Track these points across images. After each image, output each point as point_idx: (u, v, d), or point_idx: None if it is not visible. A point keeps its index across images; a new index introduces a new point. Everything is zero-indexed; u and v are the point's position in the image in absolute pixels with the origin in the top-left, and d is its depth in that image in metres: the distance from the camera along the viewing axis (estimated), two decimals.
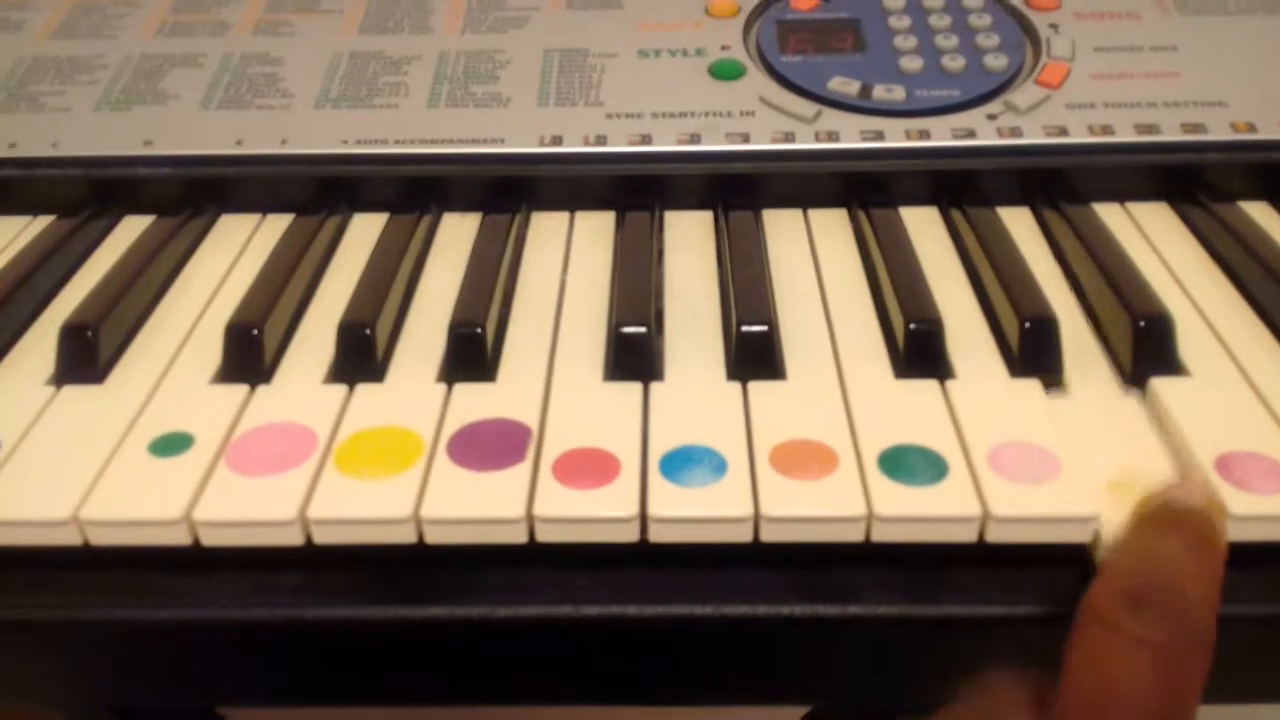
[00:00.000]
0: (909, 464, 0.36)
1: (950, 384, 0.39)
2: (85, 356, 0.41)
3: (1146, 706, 0.28)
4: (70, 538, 0.35)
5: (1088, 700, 0.28)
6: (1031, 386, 0.39)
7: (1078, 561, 0.34)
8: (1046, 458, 0.36)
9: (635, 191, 0.52)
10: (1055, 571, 0.34)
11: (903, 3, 0.59)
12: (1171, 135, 0.51)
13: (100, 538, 0.35)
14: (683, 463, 0.36)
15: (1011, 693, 0.31)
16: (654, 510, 0.34)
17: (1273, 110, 0.52)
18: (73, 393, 0.40)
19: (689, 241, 0.50)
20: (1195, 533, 0.31)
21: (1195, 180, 0.51)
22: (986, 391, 0.39)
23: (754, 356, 0.41)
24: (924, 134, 0.52)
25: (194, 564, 0.35)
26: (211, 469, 0.36)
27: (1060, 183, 0.51)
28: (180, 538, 0.35)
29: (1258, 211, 0.50)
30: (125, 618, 0.35)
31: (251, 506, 0.34)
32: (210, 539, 0.35)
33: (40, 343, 0.44)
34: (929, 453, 0.36)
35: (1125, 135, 0.51)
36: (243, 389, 0.40)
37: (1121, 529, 0.33)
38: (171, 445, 0.37)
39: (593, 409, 0.38)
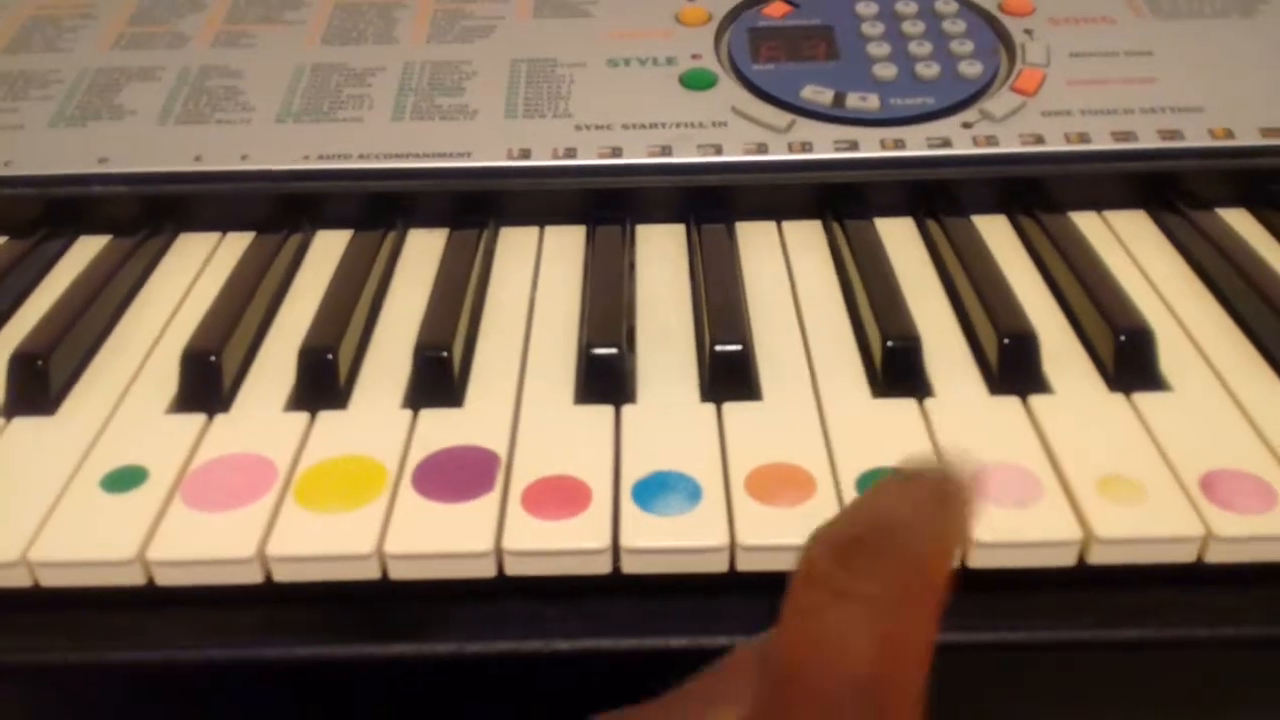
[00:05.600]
0: None
1: (929, 403, 0.39)
2: (36, 387, 0.40)
3: (856, 665, 0.26)
4: (20, 579, 0.34)
5: (795, 659, 0.26)
6: (1012, 404, 0.38)
7: (1061, 583, 0.33)
8: (1029, 479, 0.35)
9: (606, 205, 0.51)
10: (1034, 596, 0.34)
11: (876, 9, 0.58)
12: (1148, 142, 0.50)
13: (51, 579, 0.34)
14: (656, 490, 0.35)
15: (742, 661, 0.29)
16: (626, 541, 0.33)
17: (1250, 115, 0.51)
18: (22, 425, 0.39)
19: (661, 256, 0.49)
20: (929, 488, 0.30)
21: (1173, 187, 0.51)
22: (966, 410, 0.38)
23: (728, 377, 0.40)
24: (899, 143, 0.51)
25: (150, 603, 0.34)
26: (166, 505, 0.35)
27: (1037, 191, 0.51)
28: (134, 578, 0.33)
29: (1236, 219, 0.49)
30: (79, 660, 0.34)
31: (208, 544, 0.33)
32: (165, 578, 0.33)
33: None
34: None
35: (1102, 143, 0.50)
36: (200, 418, 0.38)
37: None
38: (125, 480, 0.36)
39: (563, 434, 0.37)
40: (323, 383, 0.40)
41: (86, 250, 0.50)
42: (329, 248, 0.50)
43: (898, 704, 0.25)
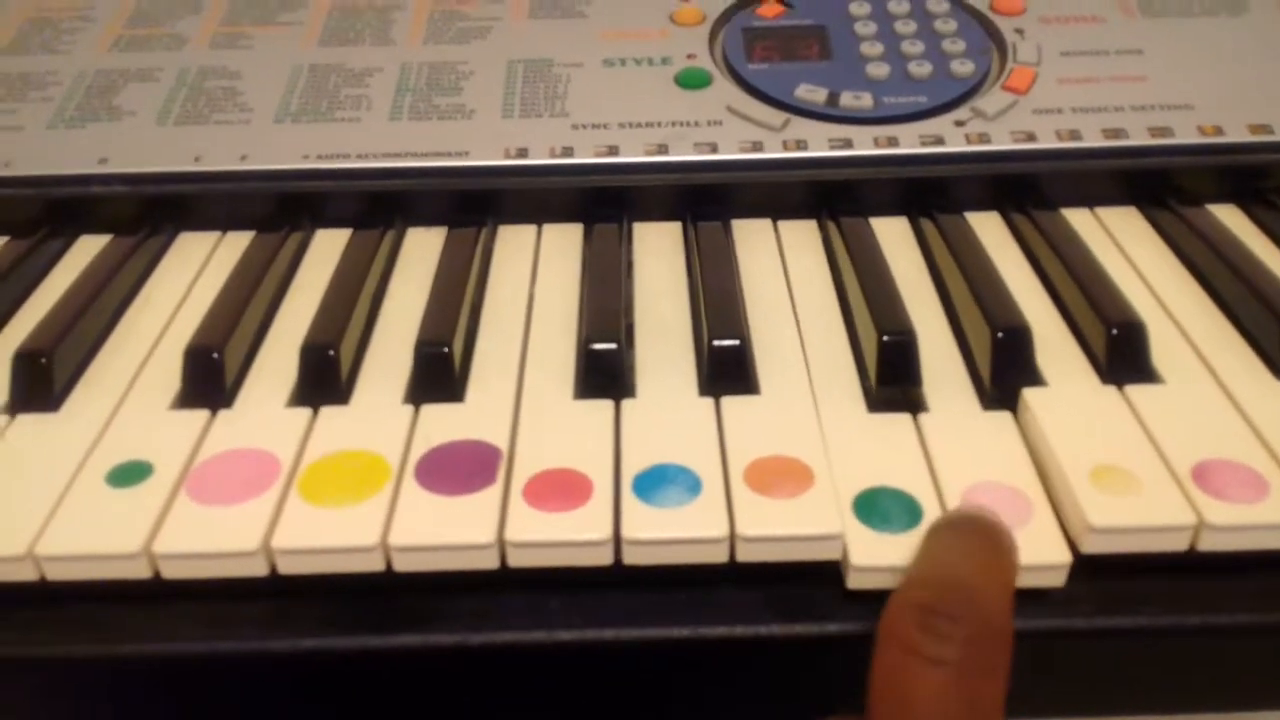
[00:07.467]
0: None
1: (924, 395, 0.39)
2: (40, 384, 0.40)
3: None
4: (26, 573, 0.34)
5: None
6: (1005, 397, 0.39)
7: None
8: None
9: (603, 203, 0.51)
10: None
11: (868, 8, 0.59)
12: (1139, 139, 0.51)
13: (57, 573, 0.34)
14: (656, 482, 0.35)
15: None
16: (627, 532, 0.33)
17: (1239, 112, 0.52)
18: (27, 422, 0.39)
19: (658, 253, 0.49)
20: (985, 538, 0.31)
21: (1164, 184, 0.51)
22: (961, 403, 0.39)
23: (726, 371, 0.40)
24: (892, 141, 0.51)
25: (156, 596, 0.34)
26: (171, 499, 0.35)
27: (1029, 188, 0.51)
28: (140, 571, 0.34)
29: (1226, 214, 0.50)
30: (85, 654, 0.34)
31: (213, 537, 0.33)
32: (171, 571, 0.34)
33: None
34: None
35: (1093, 140, 0.51)
36: (203, 414, 0.39)
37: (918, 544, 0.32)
38: (130, 475, 0.36)
39: (564, 428, 0.38)
40: (324, 379, 0.40)
41: (87, 250, 0.50)
42: (328, 246, 0.50)
43: None
